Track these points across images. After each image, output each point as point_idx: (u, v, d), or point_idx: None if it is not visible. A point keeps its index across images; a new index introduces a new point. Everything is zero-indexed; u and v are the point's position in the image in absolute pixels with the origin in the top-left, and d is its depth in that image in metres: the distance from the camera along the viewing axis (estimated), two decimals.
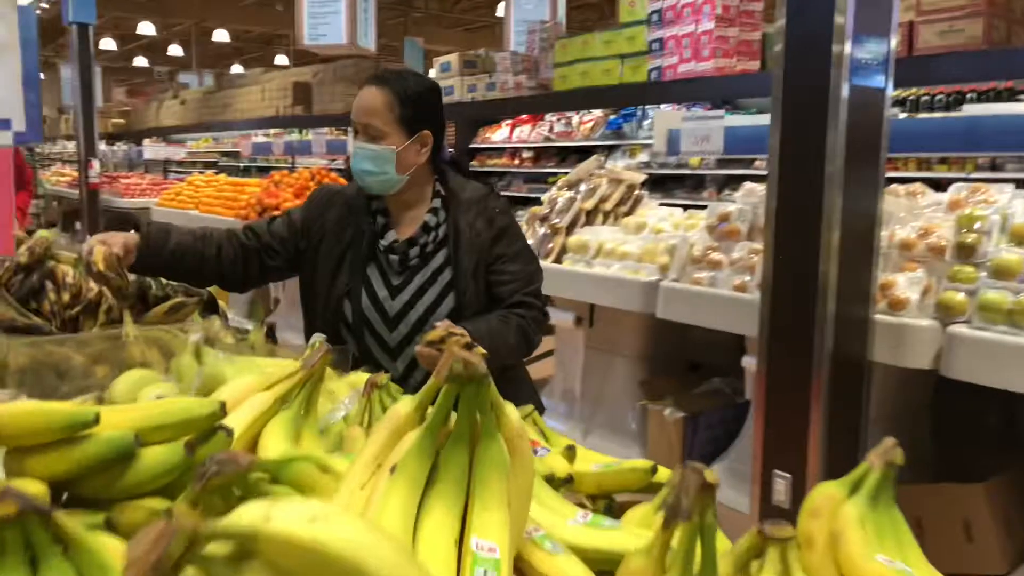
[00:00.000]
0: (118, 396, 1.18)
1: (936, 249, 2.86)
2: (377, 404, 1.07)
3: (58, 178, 13.37)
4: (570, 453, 1.17)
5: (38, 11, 16.03)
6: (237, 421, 0.88)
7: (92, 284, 1.73)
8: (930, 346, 2.74)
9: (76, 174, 10.23)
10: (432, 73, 10.38)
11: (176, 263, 1.78)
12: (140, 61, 25.67)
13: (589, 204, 4.45)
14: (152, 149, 13.64)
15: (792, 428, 2.75)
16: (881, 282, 2.80)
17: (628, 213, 4.49)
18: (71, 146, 12.77)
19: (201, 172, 10.46)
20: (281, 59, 23.79)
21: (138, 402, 1.16)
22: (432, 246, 1.94)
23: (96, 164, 9.54)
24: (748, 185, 3.71)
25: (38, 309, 1.67)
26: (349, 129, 1.94)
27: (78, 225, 10.74)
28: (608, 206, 4.49)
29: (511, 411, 0.85)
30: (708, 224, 3.64)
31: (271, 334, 1.80)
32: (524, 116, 8.73)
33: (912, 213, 3.06)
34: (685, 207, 5.38)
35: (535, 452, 1.18)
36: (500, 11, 13.86)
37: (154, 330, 1.63)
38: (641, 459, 1.31)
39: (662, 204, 5.21)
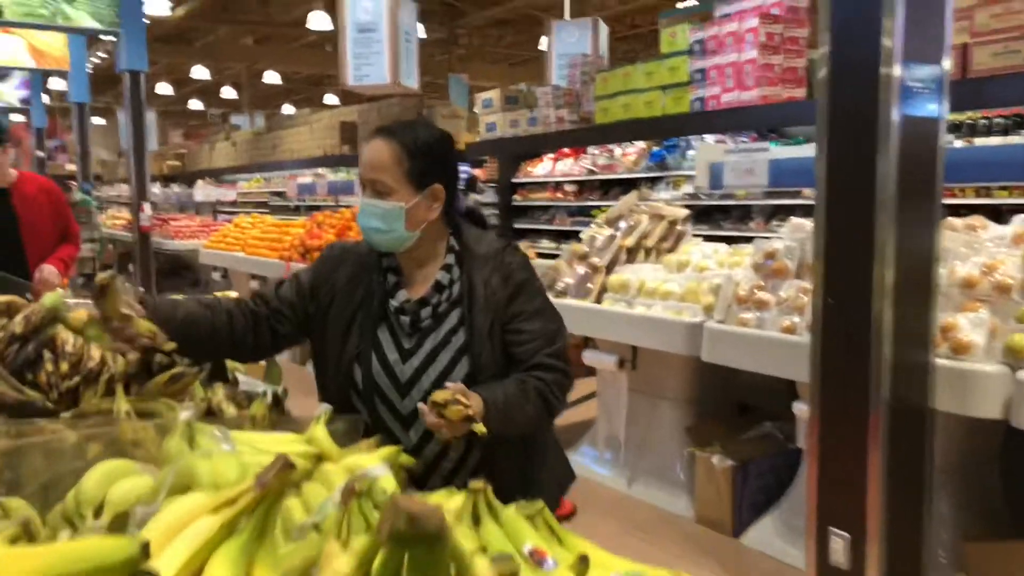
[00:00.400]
0: (86, 492, 1.09)
1: (1001, 287, 2.65)
2: (357, 514, 0.94)
3: (114, 221, 13.68)
4: (583, 567, 1.02)
5: (95, 60, 16.58)
6: (175, 555, 0.77)
7: (93, 353, 1.65)
8: (999, 394, 2.53)
9: (130, 217, 10.43)
10: (475, 109, 10.40)
11: (185, 334, 1.68)
12: (195, 104, 26.38)
13: (630, 241, 4.31)
14: (203, 191, 13.90)
15: (849, 480, 2.54)
16: (942, 324, 2.60)
17: (671, 250, 4.33)
18: (127, 189, 13.09)
19: (248, 213, 10.58)
20: (331, 98, 24.20)
21: (106, 502, 1.06)
22: (445, 305, 1.82)
23: (147, 207, 9.72)
24: (795, 220, 3.53)
25: (35, 381, 1.60)
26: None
27: (131, 267, 10.94)
28: (650, 243, 4.34)
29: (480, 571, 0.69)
30: (754, 262, 3.47)
31: (278, 403, 1.70)
32: (566, 149, 8.63)
33: (972, 248, 2.85)
34: (731, 239, 5.21)
35: (542, 564, 1.04)
36: (543, 44, 13.89)
37: (149, 404, 1.55)
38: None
39: (707, 236, 5.05)
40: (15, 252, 3.25)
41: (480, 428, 1.58)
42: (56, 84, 17.48)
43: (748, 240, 4.55)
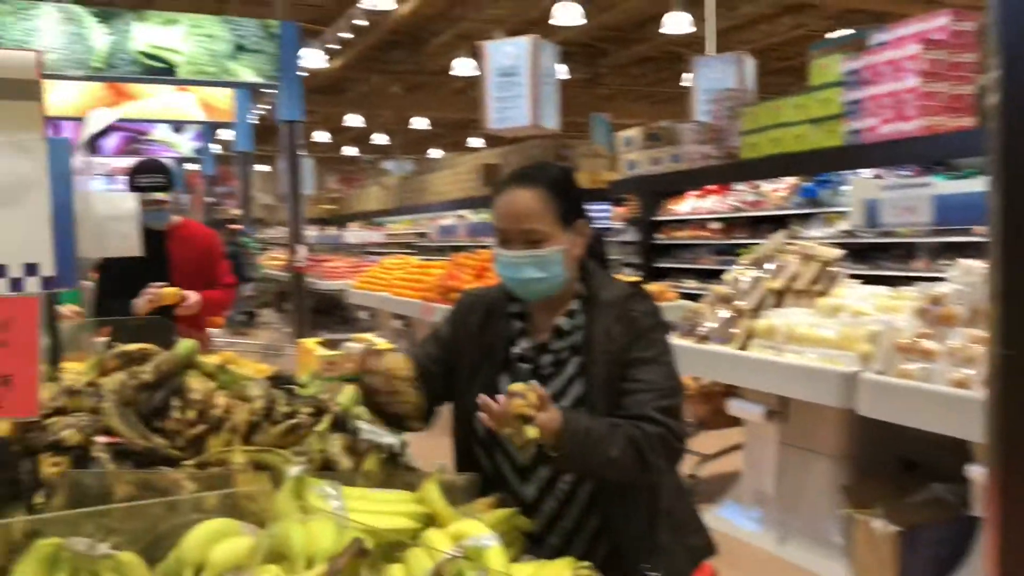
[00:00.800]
0: (187, 553, 1.05)
1: None
2: None
3: (272, 262, 14.47)
4: None
5: (256, 113, 17.75)
6: None
7: (218, 400, 1.66)
8: None
9: (287, 258, 10.99)
10: (617, 147, 10.33)
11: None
12: (349, 150, 27.75)
13: (778, 284, 4.05)
14: (353, 233, 14.48)
15: None
16: None
17: (823, 293, 4.04)
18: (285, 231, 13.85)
19: (394, 254, 10.90)
20: (475, 142, 24.83)
21: (206, 564, 1.02)
22: (567, 353, 1.72)
23: (302, 249, 10.21)
24: (965, 263, 3.19)
25: (162, 427, 1.61)
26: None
27: (285, 305, 11.50)
28: (799, 285, 4.06)
29: None
30: (918, 307, 3.16)
31: (394, 456, 1.63)
32: (711, 186, 8.40)
33: None
34: (891, 281, 4.82)
35: None
36: (686, 81, 13.68)
37: (266, 456, 1.52)
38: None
39: (865, 277, 4.69)
40: None
41: (534, 431, 1.46)
42: (225, 135, 18.86)
43: (911, 281, 4.18)
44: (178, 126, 14.14)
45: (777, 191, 7.49)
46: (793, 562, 3.81)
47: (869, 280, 4.33)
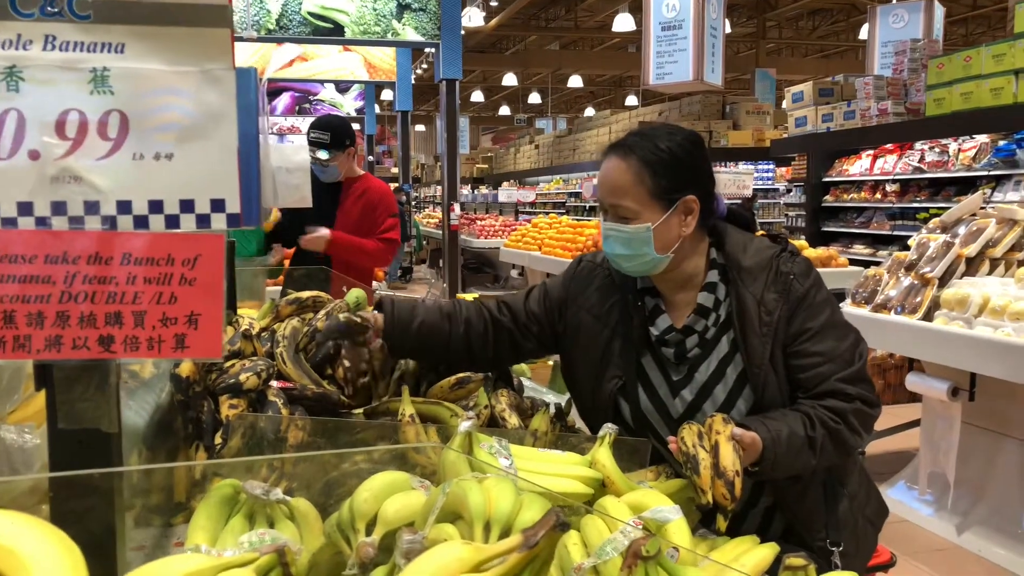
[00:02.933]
0: (360, 506, 1.03)
1: None
2: None
3: (428, 220, 14.82)
4: None
5: (418, 72, 18.10)
6: None
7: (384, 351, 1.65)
8: None
9: (440, 216, 11.22)
10: (784, 104, 9.79)
11: (421, 344, 1.60)
12: (504, 110, 27.92)
13: (971, 250, 3.68)
14: (505, 192, 14.56)
15: None
16: None
17: None
18: (441, 190, 14.17)
19: (547, 214, 10.87)
20: (631, 100, 24.35)
21: (379, 519, 0.99)
22: (714, 331, 1.56)
23: (456, 207, 10.38)
24: None
25: (332, 375, 1.62)
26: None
27: (441, 262, 11.76)
28: (997, 252, 3.68)
29: None
30: None
31: (560, 415, 1.57)
32: (888, 145, 7.78)
33: None
34: None
35: None
36: (863, 33, 12.75)
37: (433, 408, 1.49)
38: None
39: None
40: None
41: (722, 523, 1.31)
42: (386, 95, 19.38)
43: None
44: (343, 86, 14.65)
45: (966, 151, 6.85)
46: (974, 551, 3.51)
47: None
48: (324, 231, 3.42)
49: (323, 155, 3.49)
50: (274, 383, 1.51)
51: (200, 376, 1.42)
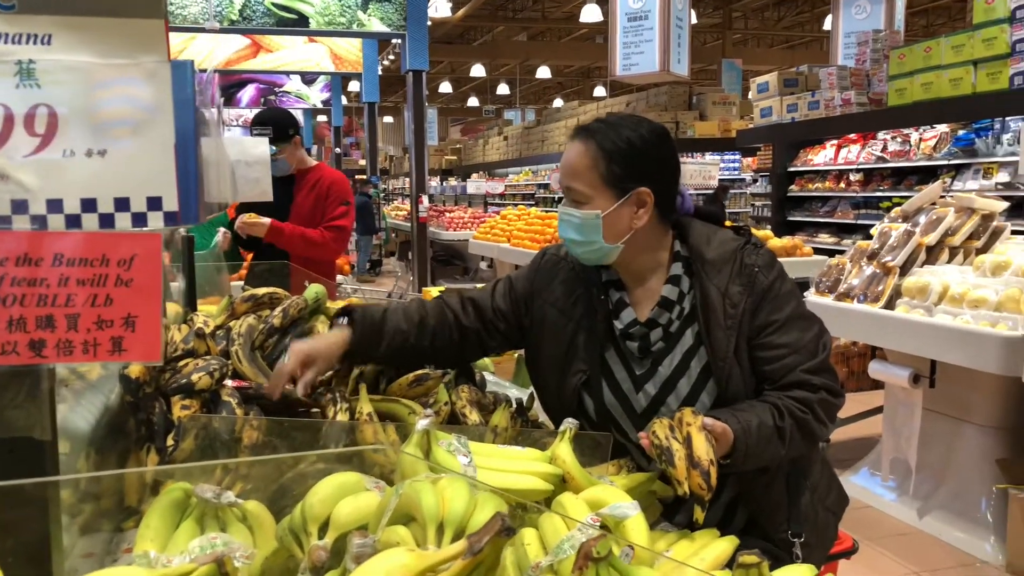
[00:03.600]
0: (312, 508, 1.00)
1: None
2: None
3: (396, 212, 14.72)
4: None
5: (385, 63, 17.97)
6: None
7: None
8: None
9: (409, 208, 11.13)
10: (750, 95, 9.84)
11: (390, 359, 1.60)
12: (472, 101, 27.83)
13: (931, 239, 3.73)
14: (474, 184, 14.52)
15: None
16: None
17: (983, 250, 3.69)
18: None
19: (515, 205, 10.85)
20: (600, 91, 24.37)
21: (331, 522, 0.97)
22: (678, 324, 1.55)
23: (425, 200, 10.31)
24: None
25: None
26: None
27: (409, 255, 11.70)
28: (956, 241, 3.73)
29: None
30: None
31: (522, 411, 1.55)
32: (852, 135, 7.86)
33: None
34: None
35: None
36: (827, 24, 12.85)
37: (392, 406, 1.47)
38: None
39: None
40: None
41: (700, 514, 1.30)
42: (353, 87, 19.21)
43: None
44: (309, 78, 14.48)
45: (927, 140, 6.94)
46: (935, 535, 3.56)
47: None
48: (265, 219, 3.38)
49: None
50: (229, 382, 1.48)
51: (151, 377, 1.38)
